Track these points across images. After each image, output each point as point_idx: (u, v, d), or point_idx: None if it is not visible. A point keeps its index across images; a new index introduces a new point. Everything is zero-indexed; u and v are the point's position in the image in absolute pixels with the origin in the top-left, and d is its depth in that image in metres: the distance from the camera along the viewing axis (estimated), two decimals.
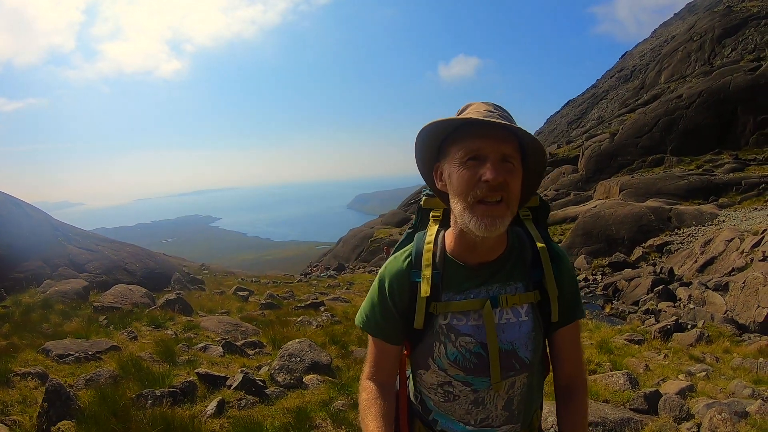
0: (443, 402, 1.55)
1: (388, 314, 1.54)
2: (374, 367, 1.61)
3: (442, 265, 1.51)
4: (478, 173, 1.33)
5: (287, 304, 12.77)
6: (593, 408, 4.62)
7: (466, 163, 1.35)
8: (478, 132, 1.35)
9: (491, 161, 1.32)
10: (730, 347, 8.89)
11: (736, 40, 55.01)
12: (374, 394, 1.56)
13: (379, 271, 1.60)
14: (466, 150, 1.35)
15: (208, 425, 4.17)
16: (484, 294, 1.47)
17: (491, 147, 1.33)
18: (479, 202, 1.34)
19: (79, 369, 5.39)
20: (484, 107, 1.41)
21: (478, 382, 1.49)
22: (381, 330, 1.57)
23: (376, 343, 1.60)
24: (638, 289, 17.47)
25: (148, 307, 9.34)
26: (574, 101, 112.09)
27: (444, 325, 1.48)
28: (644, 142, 39.32)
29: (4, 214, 12.06)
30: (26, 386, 4.72)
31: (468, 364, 1.47)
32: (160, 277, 14.54)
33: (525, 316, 1.49)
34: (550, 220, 26.05)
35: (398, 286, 1.53)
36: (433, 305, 1.47)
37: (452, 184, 1.40)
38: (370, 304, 1.59)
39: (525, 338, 1.48)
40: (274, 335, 7.56)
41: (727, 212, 25.13)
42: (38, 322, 7.89)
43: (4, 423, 3.92)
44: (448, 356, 1.48)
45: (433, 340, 1.50)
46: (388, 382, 1.62)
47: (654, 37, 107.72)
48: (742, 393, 5.92)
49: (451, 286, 1.49)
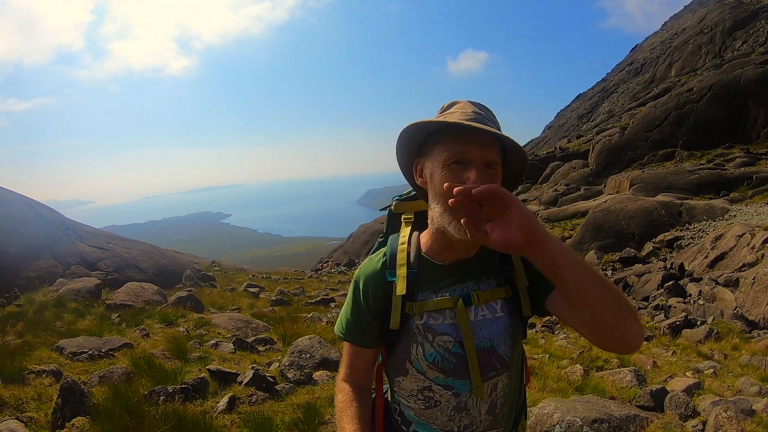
0: (424, 409, 1.52)
1: (362, 318, 1.53)
2: (350, 368, 1.60)
3: (417, 264, 1.50)
4: (461, 178, 1.31)
5: (297, 300, 12.85)
6: (599, 405, 4.65)
7: (449, 166, 1.34)
8: (463, 136, 1.34)
9: (476, 167, 1.31)
10: (739, 344, 8.83)
11: (747, 32, 54.37)
12: (350, 396, 1.55)
13: (355, 273, 1.59)
14: (451, 153, 1.34)
15: (219, 421, 4.25)
16: (459, 292, 1.46)
17: (476, 152, 1.32)
18: None
19: (93, 366, 5.50)
20: (471, 108, 1.41)
21: (459, 385, 1.47)
22: (353, 335, 1.56)
23: (352, 345, 1.58)
24: (648, 284, 17.34)
25: (160, 304, 9.45)
26: (584, 95, 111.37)
27: (420, 325, 1.46)
28: (654, 136, 39.00)
29: (16, 214, 12.21)
30: (41, 383, 4.81)
31: (447, 365, 1.45)
32: (171, 275, 14.66)
33: (500, 311, 1.48)
34: (559, 215, 25.85)
35: (373, 287, 1.51)
36: (408, 305, 1.46)
37: (433, 185, 1.39)
38: (346, 307, 1.58)
39: (503, 334, 1.47)
40: (284, 332, 7.65)
41: (738, 207, 24.85)
42: (52, 320, 7.99)
43: (20, 419, 4.01)
44: (426, 357, 1.46)
45: (410, 342, 1.47)
46: (364, 383, 1.61)
47: (664, 30, 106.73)
48: (749, 390, 5.90)
49: (426, 285, 1.48)
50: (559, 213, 32.57)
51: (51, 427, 3.98)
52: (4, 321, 7.84)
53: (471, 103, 1.44)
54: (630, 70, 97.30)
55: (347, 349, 1.60)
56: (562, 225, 30.94)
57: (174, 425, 3.86)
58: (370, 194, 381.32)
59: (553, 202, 36.51)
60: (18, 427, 3.82)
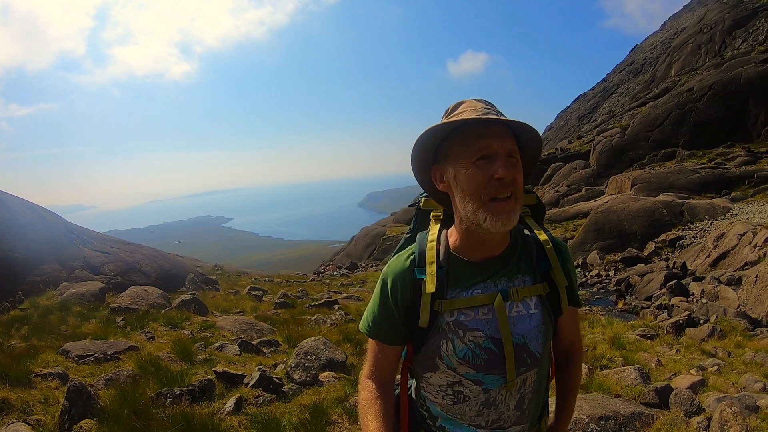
0: (452, 405, 1.52)
1: (389, 315, 1.53)
2: (374, 366, 1.59)
3: (447, 262, 1.50)
4: (488, 172, 1.34)
5: (301, 303, 12.85)
6: (605, 402, 4.67)
7: (476, 163, 1.36)
8: (481, 131, 1.36)
9: (500, 159, 1.34)
10: (743, 342, 8.87)
11: (746, 31, 54.44)
12: (374, 394, 1.55)
13: (383, 271, 1.58)
14: (475, 149, 1.36)
15: (227, 422, 4.27)
16: (493, 288, 1.47)
17: (496, 144, 1.35)
18: (492, 200, 1.35)
19: (99, 369, 5.51)
20: (479, 104, 1.42)
21: (489, 380, 1.47)
22: (379, 332, 1.56)
23: (377, 343, 1.58)
24: (651, 284, 17.40)
25: (164, 307, 9.47)
26: (584, 96, 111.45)
27: (451, 321, 1.46)
28: (655, 135, 39.08)
29: (20, 219, 12.25)
30: (47, 386, 4.84)
31: (478, 360, 1.45)
32: (174, 278, 14.69)
33: (534, 308, 1.49)
34: (561, 216, 25.82)
35: (401, 285, 1.51)
36: (437, 303, 1.45)
37: (461, 185, 1.40)
38: (372, 305, 1.58)
39: (536, 331, 1.48)
40: (289, 334, 7.68)
41: (740, 206, 24.91)
42: (56, 324, 8.02)
43: (27, 422, 4.02)
44: (456, 353, 1.46)
45: (440, 338, 1.47)
46: (388, 381, 1.60)
47: (664, 30, 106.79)
48: (753, 387, 5.95)
49: (456, 283, 1.48)
50: (560, 214, 32.60)
51: (58, 429, 4.00)
52: (9, 325, 7.86)
53: (477, 100, 1.45)
54: (630, 70, 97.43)
55: (372, 346, 1.60)
56: (564, 226, 30.95)
57: (182, 427, 3.88)
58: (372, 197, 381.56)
59: (554, 203, 36.57)
60: (25, 430, 3.85)
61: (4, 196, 12.75)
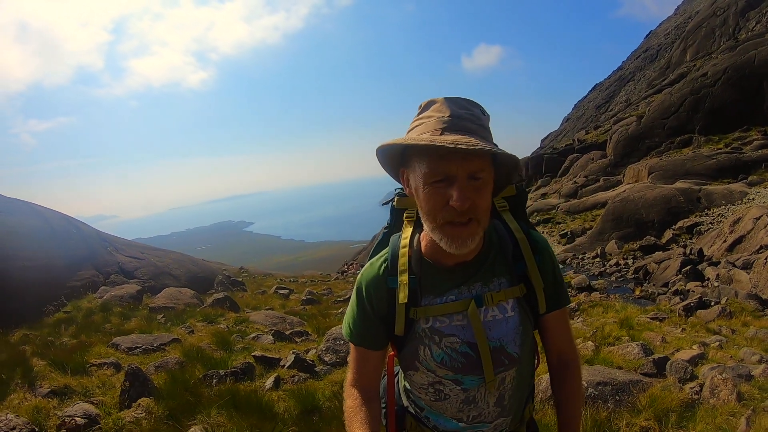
0: (434, 401, 1.53)
1: (368, 321, 1.52)
2: (357, 373, 1.57)
3: (419, 268, 1.47)
4: (445, 196, 1.25)
5: (326, 299, 13.38)
6: (605, 372, 5.05)
7: (431, 184, 1.26)
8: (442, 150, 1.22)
9: (458, 184, 1.23)
10: (750, 321, 9.03)
11: (760, 12, 53.67)
12: (359, 401, 1.52)
13: (357, 279, 1.56)
14: (432, 170, 1.25)
15: (268, 396, 4.84)
16: (467, 294, 1.44)
17: (455, 167, 1.23)
18: (448, 224, 1.28)
19: (147, 359, 6.11)
20: (448, 111, 1.27)
21: (467, 381, 1.46)
22: (362, 338, 1.54)
23: (358, 349, 1.56)
24: (668, 270, 17.52)
25: (198, 306, 10.10)
26: (601, 85, 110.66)
27: (426, 328, 1.45)
28: (671, 123, 38.85)
29: (58, 229, 12.96)
30: (103, 374, 5.41)
31: (456, 364, 1.45)
32: (203, 281, 15.35)
33: (511, 311, 1.46)
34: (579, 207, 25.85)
35: (375, 293, 1.49)
36: (412, 311, 1.45)
37: (419, 201, 1.33)
38: (351, 312, 1.56)
39: (513, 333, 1.45)
40: (317, 325, 8.27)
41: (757, 190, 24.89)
42: (101, 323, 8.68)
43: (91, 402, 4.58)
44: (434, 358, 1.46)
45: (417, 344, 1.47)
46: (372, 387, 1.59)
47: (678, 14, 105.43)
48: (751, 359, 6.12)
49: (430, 290, 1.45)
50: (579, 205, 32.78)
51: (119, 407, 4.55)
52: (56, 326, 8.53)
53: (449, 102, 1.30)
54: (645, 57, 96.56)
55: (354, 353, 1.58)
56: (582, 216, 31.13)
57: (229, 400, 4.45)
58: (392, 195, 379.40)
59: (573, 195, 36.72)
60: (91, 408, 4.39)
61: (42, 209, 13.51)
